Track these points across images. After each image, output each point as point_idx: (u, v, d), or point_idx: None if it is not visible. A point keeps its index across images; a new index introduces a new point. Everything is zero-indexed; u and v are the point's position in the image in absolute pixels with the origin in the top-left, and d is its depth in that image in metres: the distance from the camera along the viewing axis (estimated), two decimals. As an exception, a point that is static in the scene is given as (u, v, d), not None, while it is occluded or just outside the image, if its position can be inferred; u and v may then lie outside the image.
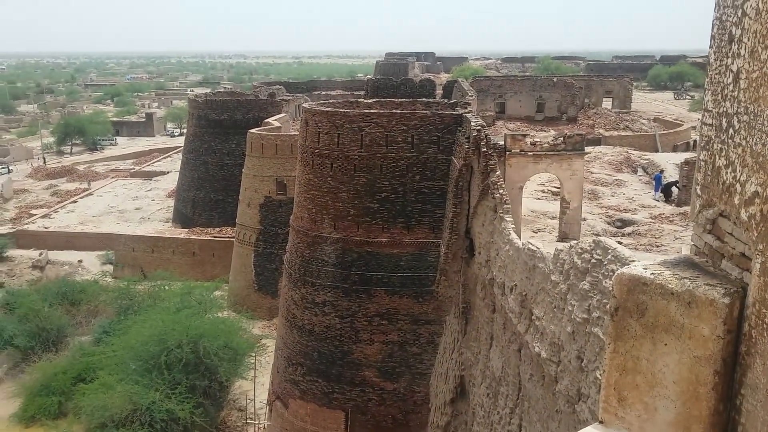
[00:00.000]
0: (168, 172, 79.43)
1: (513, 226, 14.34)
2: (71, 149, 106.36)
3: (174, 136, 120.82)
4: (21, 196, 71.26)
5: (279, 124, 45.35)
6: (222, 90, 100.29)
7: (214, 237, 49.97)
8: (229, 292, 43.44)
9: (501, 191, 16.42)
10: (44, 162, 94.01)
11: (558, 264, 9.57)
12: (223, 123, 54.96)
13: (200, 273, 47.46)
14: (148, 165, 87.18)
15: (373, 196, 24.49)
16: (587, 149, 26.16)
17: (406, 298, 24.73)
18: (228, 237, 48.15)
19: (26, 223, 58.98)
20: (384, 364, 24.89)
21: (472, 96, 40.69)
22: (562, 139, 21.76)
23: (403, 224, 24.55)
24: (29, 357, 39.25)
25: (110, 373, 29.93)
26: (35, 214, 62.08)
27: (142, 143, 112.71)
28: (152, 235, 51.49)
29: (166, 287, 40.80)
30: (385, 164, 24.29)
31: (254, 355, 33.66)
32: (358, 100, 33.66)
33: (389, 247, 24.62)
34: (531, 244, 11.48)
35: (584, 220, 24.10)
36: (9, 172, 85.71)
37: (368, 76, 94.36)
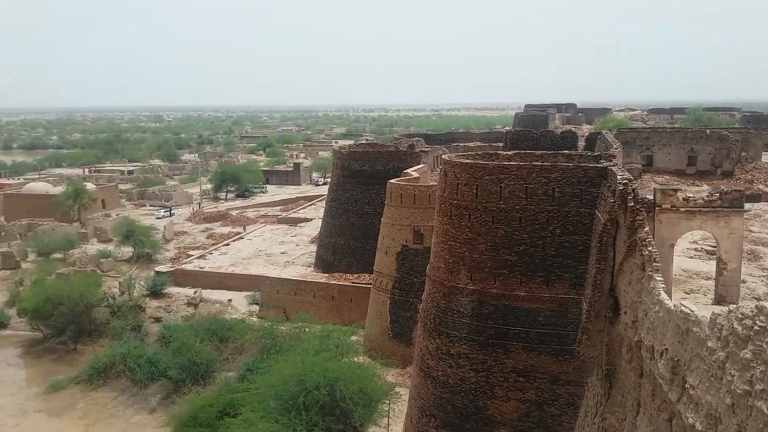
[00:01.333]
0: (312, 219, 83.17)
1: (663, 285, 13.62)
2: (226, 195, 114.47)
3: (318, 184, 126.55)
4: (180, 238, 77.50)
5: (418, 175, 46.28)
6: (364, 141, 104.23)
7: (353, 283, 51.35)
8: (364, 338, 44.23)
9: (650, 248, 15.68)
10: (200, 207, 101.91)
11: (715, 329, 8.99)
12: (364, 173, 56.98)
13: (338, 317, 48.84)
14: (294, 212, 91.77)
15: (512, 248, 24.24)
16: (746, 206, 24.38)
17: (545, 355, 23.98)
18: (365, 283, 49.28)
19: (184, 263, 63.90)
20: (520, 424, 24.13)
21: (617, 148, 39.41)
22: (718, 194, 20.45)
23: (542, 278, 24.02)
24: (180, 388, 42.05)
25: (252, 410, 31.29)
26: (192, 255, 67.15)
27: (290, 191, 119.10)
28: (295, 278, 53.85)
29: (307, 329, 42.31)
30: (524, 216, 24.04)
31: (388, 402, 33.84)
32: (498, 151, 33.71)
33: (527, 301, 24.13)
34: (684, 306, 10.86)
35: (743, 282, 22.33)
36: (171, 215, 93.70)
37: (507, 128, 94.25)
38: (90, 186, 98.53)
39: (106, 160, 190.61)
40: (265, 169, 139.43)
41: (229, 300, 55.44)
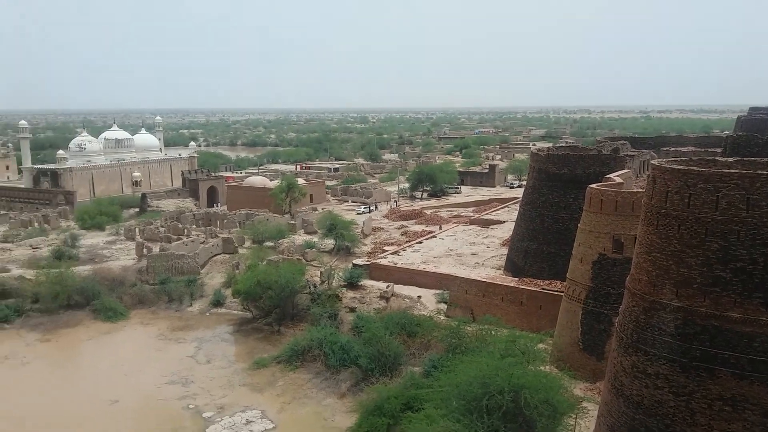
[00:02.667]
0: (504, 222, 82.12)
1: None
2: (422, 195, 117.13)
3: (513, 187, 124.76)
4: (377, 234, 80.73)
5: (621, 180, 43.54)
6: (564, 144, 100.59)
7: (543, 289, 49.77)
8: (552, 347, 42.66)
9: None
10: (397, 204, 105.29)
11: None
12: (562, 177, 54.94)
13: (526, 323, 47.62)
14: (487, 213, 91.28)
15: (726, 264, 21.83)
16: None
17: (758, 385, 21.32)
18: (557, 291, 47.53)
19: (379, 258, 66.42)
20: (723, 458, 21.67)
21: None
22: None
23: (762, 300, 21.35)
24: (368, 377, 43.72)
25: (435, 407, 31.55)
26: (387, 251, 69.58)
27: (483, 192, 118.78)
28: (484, 280, 53.46)
29: (493, 332, 41.78)
30: (743, 230, 21.53)
31: (574, 417, 32.29)
32: (715, 158, 30.53)
33: (741, 324, 21.60)
34: None
35: None
36: (370, 211, 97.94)
37: (726, 133, 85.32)
38: (301, 181, 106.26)
39: (316, 157, 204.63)
40: (461, 169, 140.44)
41: (419, 296, 56.55)
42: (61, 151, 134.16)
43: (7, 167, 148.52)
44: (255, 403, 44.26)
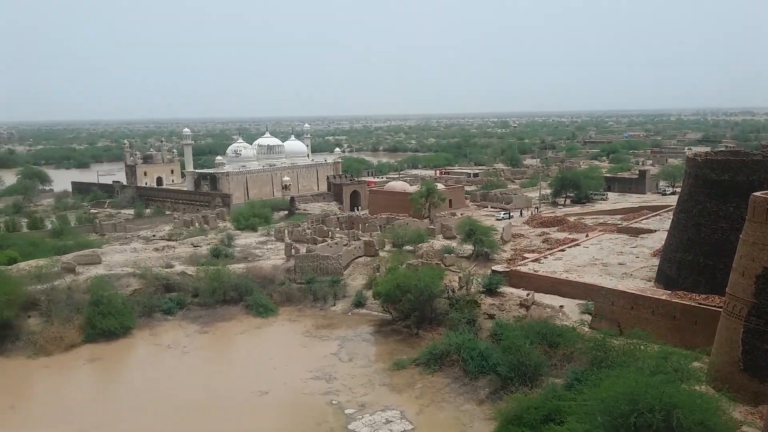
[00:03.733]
0: (655, 231, 77.68)
1: None
2: (564, 201, 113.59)
3: (665, 194, 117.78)
4: (517, 240, 79.39)
5: (792, 188, 39.77)
6: (723, 149, 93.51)
7: (699, 303, 46.46)
8: (709, 366, 39.74)
9: None
10: (538, 211, 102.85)
11: None
12: (722, 184, 51.10)
13: (678, 339, 44.74)
14: (636, 222, 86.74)
15: None
16: None
17: None
18: (714, 306, 44.21)
19: (519, 265, 65.24)
20: None
21: None
22: None
23: None
24: (508, 386, 43.09)
25: (578, 421, 30.55)
26: (527, 258, 68.19)
27: (632, 200, 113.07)
28: (633, 292, 50.84)
29: (642, 347, 39.71)
30: None
31: (733, 442, 29.91)
32: None
33: None
34: None
35: None
36: (510, 217, 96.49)
37: None
38: (440, 186, 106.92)
39: (455, 162, 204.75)
40: (608, 175, 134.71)
41: (561, 306, 54.89)
42: (219, 157, 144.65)
43: (172, 171, 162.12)
44: (394, 403, 45.13)
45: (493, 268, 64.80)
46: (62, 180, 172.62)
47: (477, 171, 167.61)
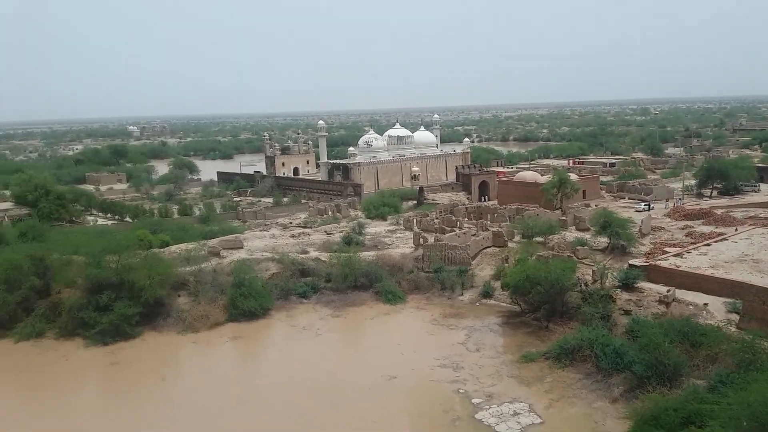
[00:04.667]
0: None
1: None
2: (711, 193, 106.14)
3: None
4: (657, 233, 75.17)
5: None
6: None
7: None
8: None
9: None
10: (681, 202, 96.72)
11: None
12: None
13: (843, 345, 40.60)
14: (794, 215, 79.41)
15: None
16: None
17: None
18: None
19: (659, 259, 61.81)
20: None
21: None
22: None
23: None
24: (644, 385, 41.14)
25: (722, 426, 28.72)
26: (668, 252, 64.44)
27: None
28: (788, 291, 46.69)
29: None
30: None
31: None
32: None
33: None
34: None
35: None
36: (650, 209, 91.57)
37: None
38: (573, 177, 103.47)
39: (590, 152, 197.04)
40: (760, 165, 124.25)
41: (705, 304, 51.49)
42: (351, 148, 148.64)
43: (308, 162, 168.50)
44: (522, 395, 44.53)
45: (630, 262, 61.96)
46: (209, 170, 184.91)
47: (614, 161, 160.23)
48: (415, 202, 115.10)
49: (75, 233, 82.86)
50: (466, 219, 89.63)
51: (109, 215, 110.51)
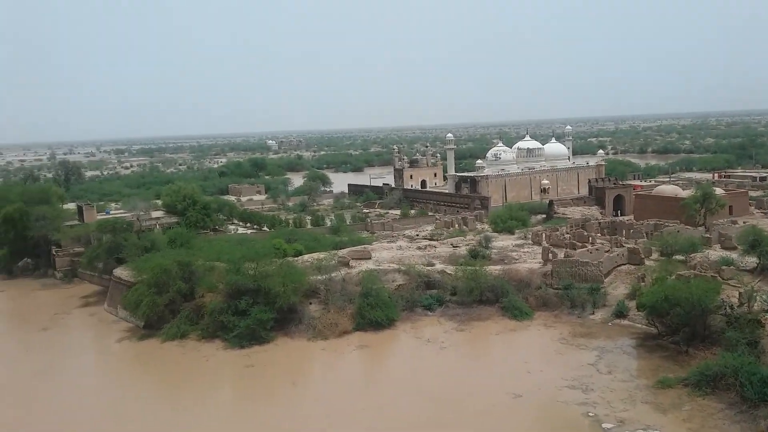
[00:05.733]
0: None
1: None
2: None
3: None
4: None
5: None
6: None
7: None
8: None
9: None
10: None
11: None
12: None
13: None
14: None
15: None
16: None
17: None
18: None
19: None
20: None
21: None
22: None
23: None
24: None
25: None
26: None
27: None
28: None
29: None
30: None
31: None
32: None
33: None
34: None
35: None
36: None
37: None
38: (718, 191, 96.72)
39: (738, 165, 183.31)
40: None
41: None
42: (479, 161, 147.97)
43: (435, 175, 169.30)
44: (657, 423, 42.02)
45: (784, 284, 56.85)
46: (340, 182, 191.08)
47: (765, 174, 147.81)
48: (544, 216, 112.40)
49: (218, 241, 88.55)
50: (598, 234, 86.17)
51: (248, 225, 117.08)
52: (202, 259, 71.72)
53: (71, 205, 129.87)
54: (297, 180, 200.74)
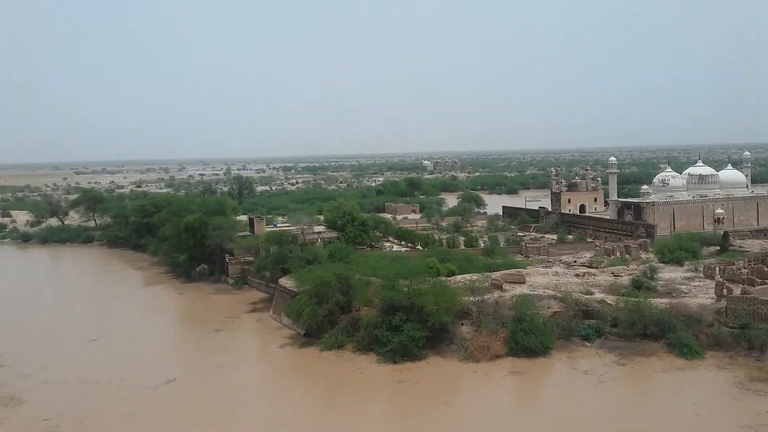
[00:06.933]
0: None
1: None
2: None
3: None
4: None
5: None
6: None
7: None
8: None
9: None
10: None
11: None
12: None
13: None
14: None
15: None
16: None
17: None
18: None
19: None
20: None
21: None
22: None
23: None
24: None
25: None
26: None
27: None
28: None
29: None
30: None
31: None
32: None
33: None
34: None
35: None
36: None
37: None
38: None
39: None
40: None
41: None
42: (644, 186, 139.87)
43: (595, 200, 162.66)
44: None
45: None
46: (494, 204, 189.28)
47: None
48: (717, 248, 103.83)
49: (374, 257, 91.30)
50: (782, 271, 78.07)
51: (402, 242, 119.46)
52: (359, 274, 74.23)
53: (243, 217, 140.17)
54: (451, 200, 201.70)
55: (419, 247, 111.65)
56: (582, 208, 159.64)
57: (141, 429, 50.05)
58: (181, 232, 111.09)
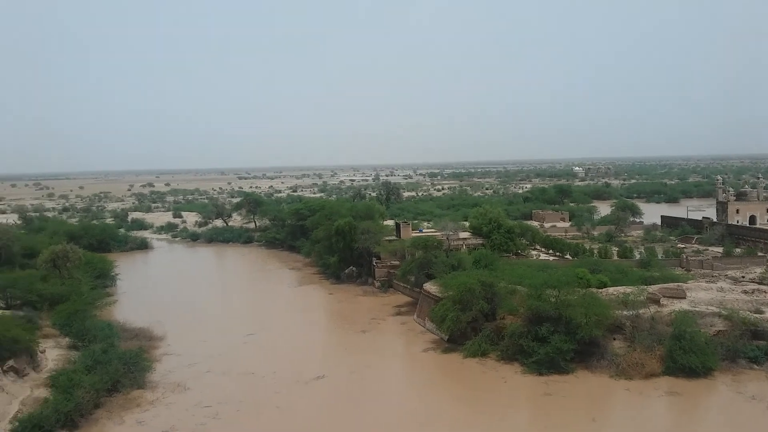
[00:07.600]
0: None
1: None
2: None
3: None
4: None
5: None
6: None
7: None
8: None
9: None
10: None
11: None
12: None
13: None
14: None
15: None
16: None
17: None
18: None
19: None
20: None
21: None
22: None
23: None
24: None
25: None
26: None
27: None
28: None
29: None
30: None
31: None
32: None
33: None
34: None
35: None
36: None
37: None
38: None
39: None
40: None
41: None
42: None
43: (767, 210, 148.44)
44: None
45: None
46: (651, 213, 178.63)
47: None
48: None
49: (519, 265, 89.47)
50: None
51: (550, 251, 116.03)
52: (504, 282, 73.16)
53: (390, 222, 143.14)
54: (603, 209, 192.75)
55: (568, 256, 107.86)
56: (752, 219, 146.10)
57: (292, 422, 52.68)
58: (331, 235, 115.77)
